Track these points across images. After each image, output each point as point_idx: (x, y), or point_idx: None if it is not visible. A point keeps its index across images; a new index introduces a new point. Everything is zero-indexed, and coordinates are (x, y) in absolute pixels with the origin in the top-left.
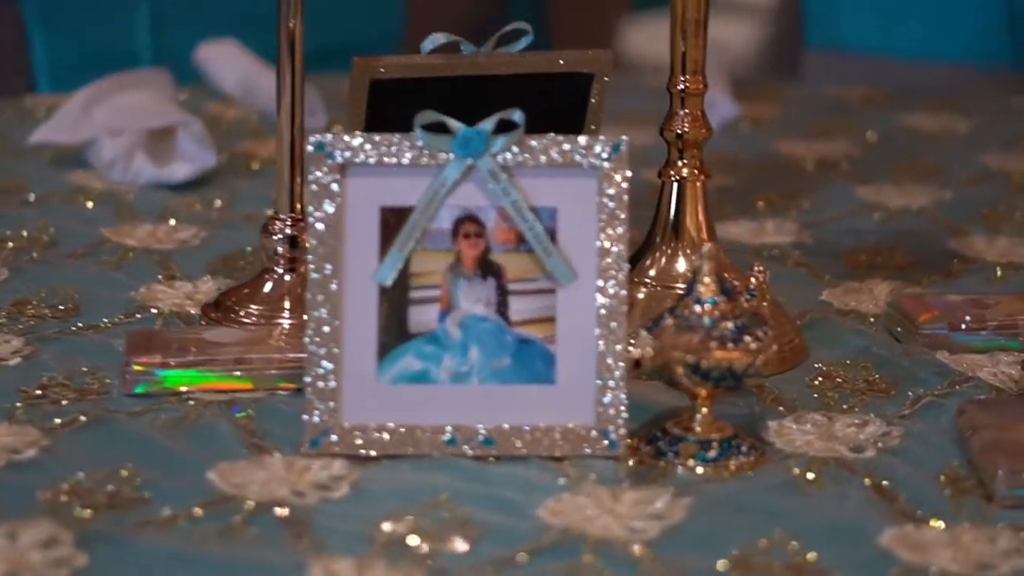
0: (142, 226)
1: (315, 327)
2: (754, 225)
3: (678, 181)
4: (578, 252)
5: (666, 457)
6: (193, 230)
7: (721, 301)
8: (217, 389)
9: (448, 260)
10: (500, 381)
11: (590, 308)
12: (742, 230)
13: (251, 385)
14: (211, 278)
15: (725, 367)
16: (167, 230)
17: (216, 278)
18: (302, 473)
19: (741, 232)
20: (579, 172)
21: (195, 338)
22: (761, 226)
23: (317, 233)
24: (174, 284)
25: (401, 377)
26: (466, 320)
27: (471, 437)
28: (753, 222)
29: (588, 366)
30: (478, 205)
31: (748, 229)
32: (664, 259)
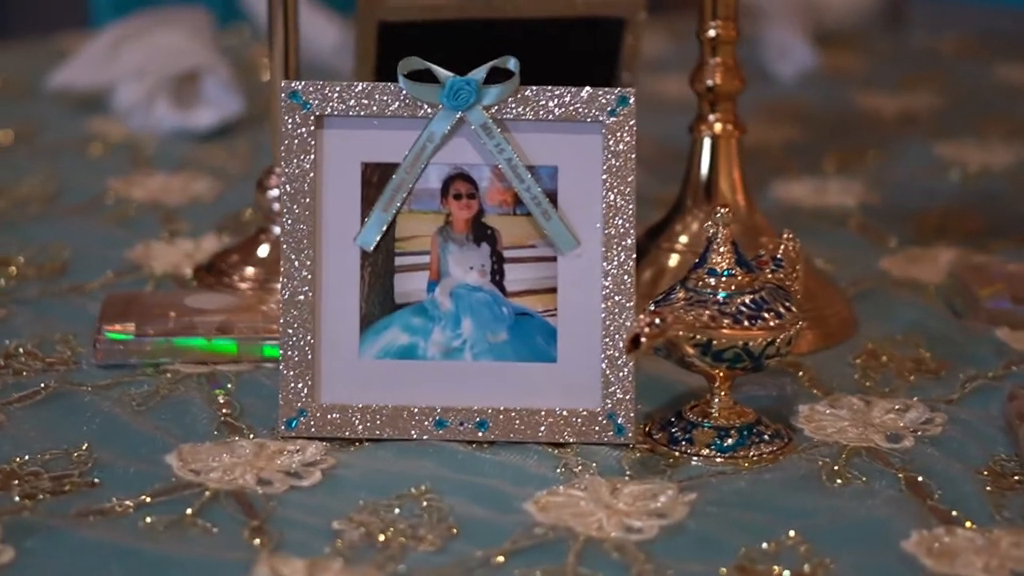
0: (154, 178)
1: (289, 296)
2: (817, 184)
3: (711, 137)
4: (581, 216)
5: (679, 445)
6: (208, 183)
7: (738, 273)
8: (197, 361)
9: (437, 223)
10: (495, 357)
11: (594, 278)
12: (803, 190)
13: (235, 356)
14: (217, 237)
15: (740, 347)
16: (181, 182)
17: (222, 237)
18: (272, 458)
19: (802, 192)
20: (582, 127)
21: (177, 303)
22: (824, 185)
23: (291, 191)
24: (175, 242)
25: (385, 352)
26: (458, 290)
27: (463, 420)
28: (817, 181)
29: (593, 342)
30: (470, 163)
31: (810, 189)
32: (696, 223)
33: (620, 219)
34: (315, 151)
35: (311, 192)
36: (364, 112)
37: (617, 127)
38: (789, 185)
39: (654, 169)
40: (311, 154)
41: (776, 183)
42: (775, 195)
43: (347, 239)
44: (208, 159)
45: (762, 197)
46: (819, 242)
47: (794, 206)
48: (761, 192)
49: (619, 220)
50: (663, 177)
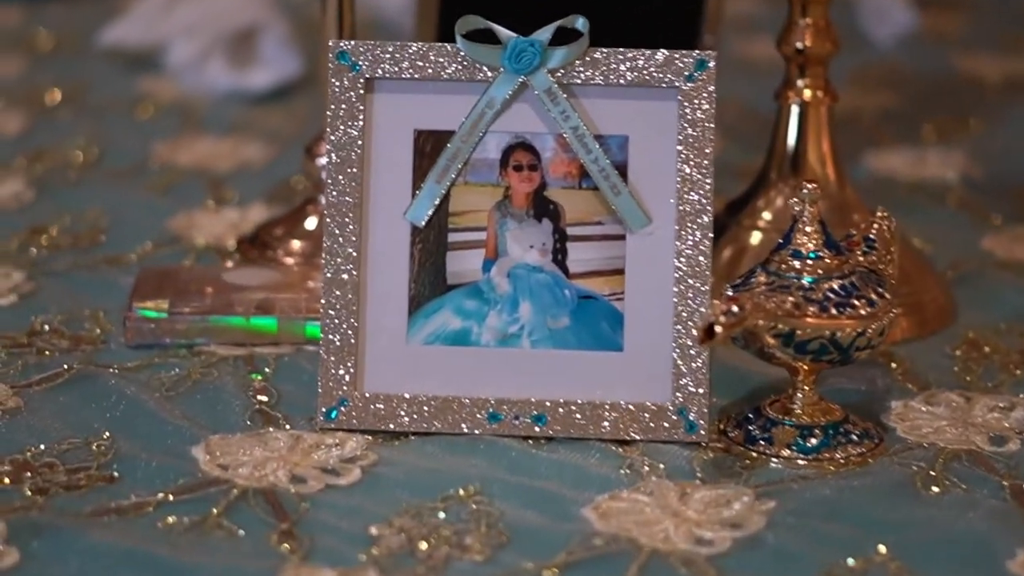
0: (203, 142)
1: (332, 275)
2: (914, 155)
3: (799, 105)
4: (653, 190)
5: (757, 445)
6: (260, 148)
7: (826, 255)
8: (234, 342)
9: (495, 197)
10: (556, 345)
11: (666, 259)
12: (899, 161)
13: (275, 337)
14: (265, 206)
15: (826, 338)
16: (230, 146)
17: (272, 206)
18: (308, 452)
19: (897, 164)
20: (656, 93)
21: (215, 279)
22: (922, 157)
23: (337, 161)
24: (220, 212)
25: (436, 337)
26: (516, 270)
27: (519, 413)
28: (914, 151)
29: (663, 329)
30: (533, 131)
31: (906, 159)
32: (781, 199)
33: (696, 194)
34: (364, 117)
35: (359, 162)
36: (418, 75)
37: (694, 93)
38: (883, 156)
39: (736, 137)
40: (359, 120)
41: (869, 154)
42: (868, 167)
43: (396, 213)
44: (262, 122)
45: (854, 169)
46: (915, 219)
47: (888, 179)
48: (853, 164)
49: (695, 195)
50: (746, 145)
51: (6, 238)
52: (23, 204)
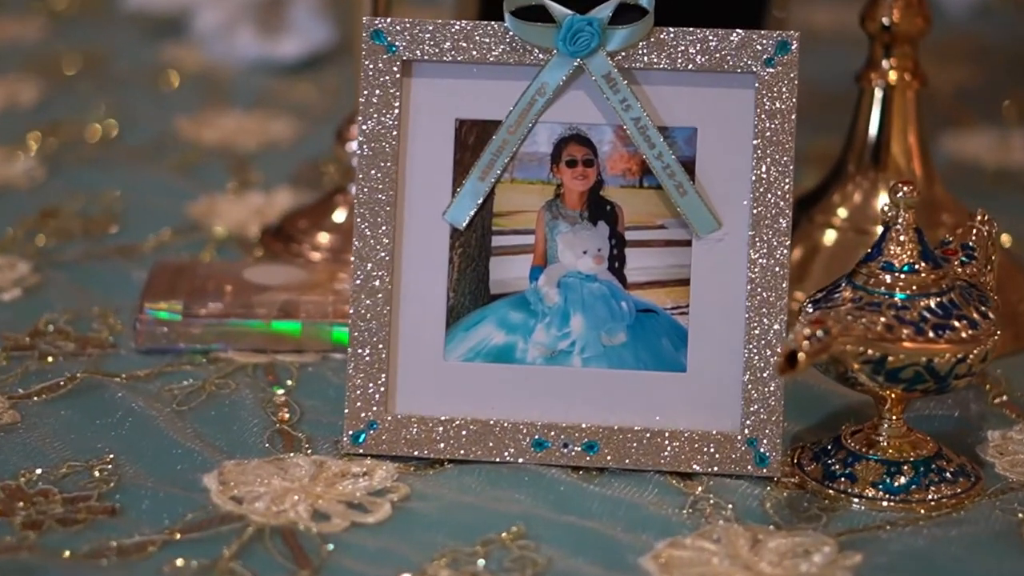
0: (228, 116)
1: (362, 281)
2: (998, 136)
3: (883, 89)
4: (724, 191)
5: (836, 482)
6: (289, 124)
7: (922, 268)
8: (254, 348)
9: (545, 196)
10: (611, 364)
11: (738, 269)
12: (982, 144)
13: (298, 343)
14: (291, 190)
15: (922, 365)
16: (257, 122)
17: (298, 190)
18: (332, 483)
19: (978, 147)
20: (729, 79)
21: (234, 276)
22: (1006, 139)
23: (369, 153)
24: (244, 195)
25: (477, 353)
26: (567, 279)
27: (568, 440)
28: (998, 132)
29: (733, 349)
30: (589, 122)
31: (990, 142)
32: (859, 194)
33: (774, 196)
34: (400, 104)
35: (393, 154)
36: (461, 57)
37: (775, 81)
38: (963, 139)
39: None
40: (395, 108)
41: (947, 136)
42: (946, 151)
43: (435, 213)
44: (291, 95)
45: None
46: (1002, 211)
47: (969, 165)
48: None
49: (772, 197)
50: (814, 127)
51: (14, 222)
52: (35, 183)
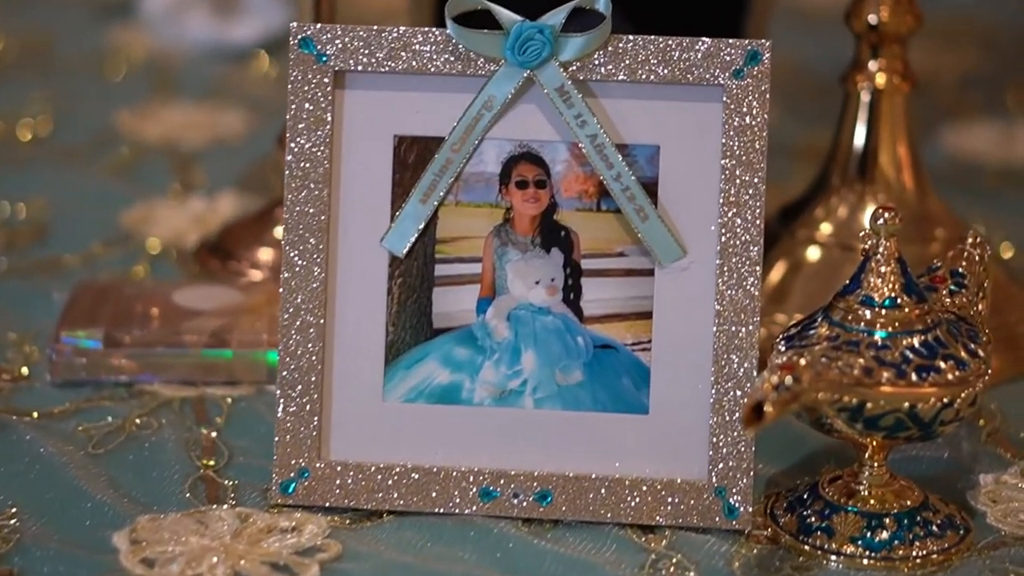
0: (175, 109)
1: (291, 316)
2: (1002, 129)
3: (870, 92)
4: (689, 216)
5: (813, 536)
6: (240, 116)
7: (905, 302)
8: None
9: (494, 220)
10: (566, 405)
11: (705, 301)
12: (983, 138)
13: (231, 375)
14: (237, 194)
15: (904, 411)
16: (206, 114)
17: (244, 195)
18: (256, 540)
19: (981, 142)
20: (695, 93)
21: (162, 299)
22: (1010, 131)
23: (298, 174)
24: (185, 201)
25: (419, 394)
26: (518, 312)
27: (519, 490)
28: (1001, 125)
29: (699, 389)
30: (541, 140)
31: (993, 135)
32: (844, 208)
33: (744, 221)
34: (332, 119)
35: (325, 175)
36: (400, 67)
37: (744, 94)
38: (964, 132)
39: (792, 107)
40: (327, 123)
41: (946, 129)
42: (945, 146)
43: (372, 240)
44: (245, 84)
45: (928, 150)
46: (1006, 213)
47: (970, 162)
48: (927, 143)
49: (742, 222)
50: (802, 117)
51: None
52: None
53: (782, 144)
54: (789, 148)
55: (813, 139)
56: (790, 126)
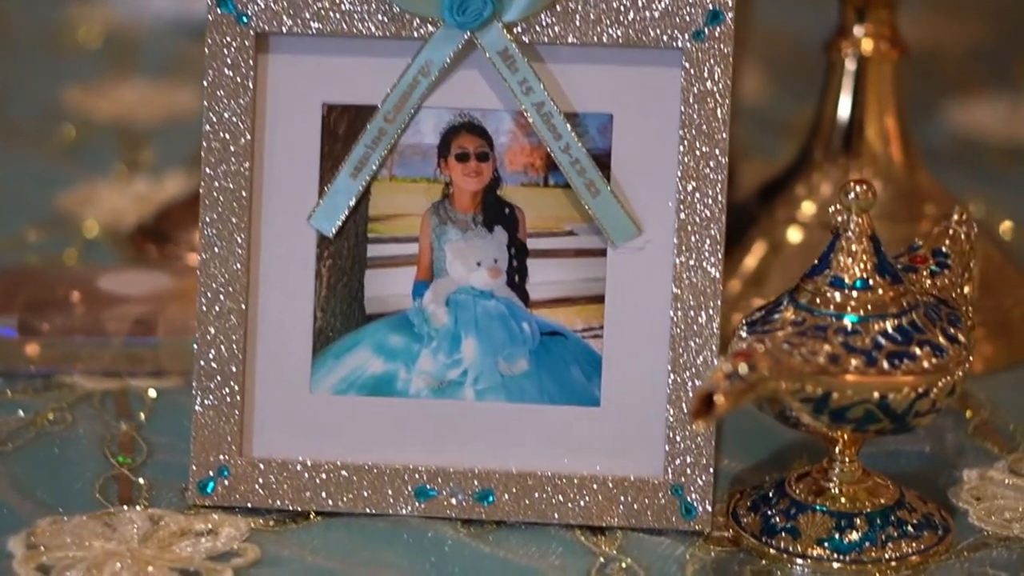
0: (128, 86)
1: (210, 301)
2: (1009, 104)
3: (856, 60)
4: (645, 191)
5: (777, 538)
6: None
7: (878, 283)
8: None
9: (432, 197)
10: (510, 397)
11: (661, 284)
12: (989, 114)
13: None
14: (185, 174)
15: (873, 402)
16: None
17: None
18: (166, 544)
19: (986, 118)
20: (651, 56)
21: (87, 285)
22: (1018, 106)
23: (216, 146)
24: (130, 181)
25: (350, 385)
26: (458, 296)
27: (457, 488)
28: (1008, 98)
29: (655, 379)
30: (483, 108)
31: (999, 111)
32: (827, 185)
33: (704, 197)
34: (255, 87)
35: (246, 148)
36: (328, 29)
37: (705, 57)
38: (969, 107)
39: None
40: (249, 91)
41: (950, 105)
42: (948, 122)
43: (298, 218)
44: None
45: (927, 127)
46: (1009, 194)
47: (974, 138)
48: (927, 119)
49: (703, 198)
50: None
51: None
52: None
53: (769, 118)
54: (776, 122)
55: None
56: (778, 98)
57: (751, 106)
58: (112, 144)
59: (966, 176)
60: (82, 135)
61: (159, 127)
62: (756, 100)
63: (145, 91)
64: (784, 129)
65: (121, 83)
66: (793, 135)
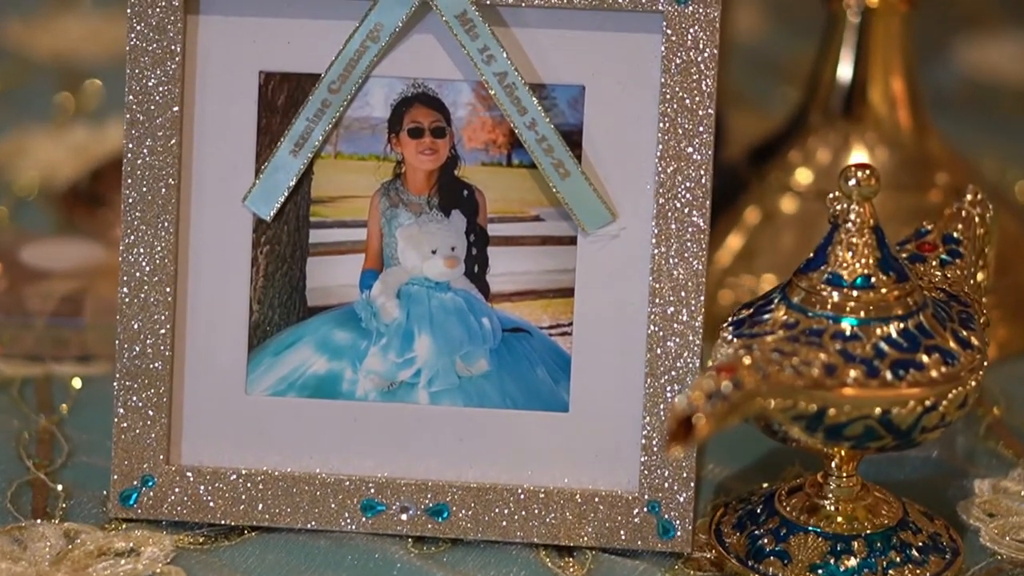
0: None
1: (132, 291)
2: None
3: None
4: (620, 172)
5: (764, 563)
6: None
7: (881, 281)
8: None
9: (382, 176)
10: (468, 401)
11: (638, 277)
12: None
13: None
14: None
15: (875, 418)
16: (110, 23)
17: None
18: (82, 566)
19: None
20: (628, 20)
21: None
22: None
23: (140, 118)
24: (67, 127)
25: (290, 385)
26: (411, 287)
27: (408, 502)
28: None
29: (629, 382)
30: (439, 78)
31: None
32: (826, 151)
33: (687, 179)
34: (183, 52)
35: (174, 120)
36: None
37: (689, 22)
38: (982, 46)
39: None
40: (176, 57)
41: (961, 44)
42: (959, 64)
43: (232, 199)
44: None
45: (937, 70)
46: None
47: (988, 82)
48: (937, 61)
49: (685, 181)
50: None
51: None
52: None
53: (767, 61)
54: (776, 67)
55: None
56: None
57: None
58: (50, 85)
59: (978, 127)
60: (19, 75)
61: (107, 65)
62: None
63: (91, 23)
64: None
65: (64, 15)
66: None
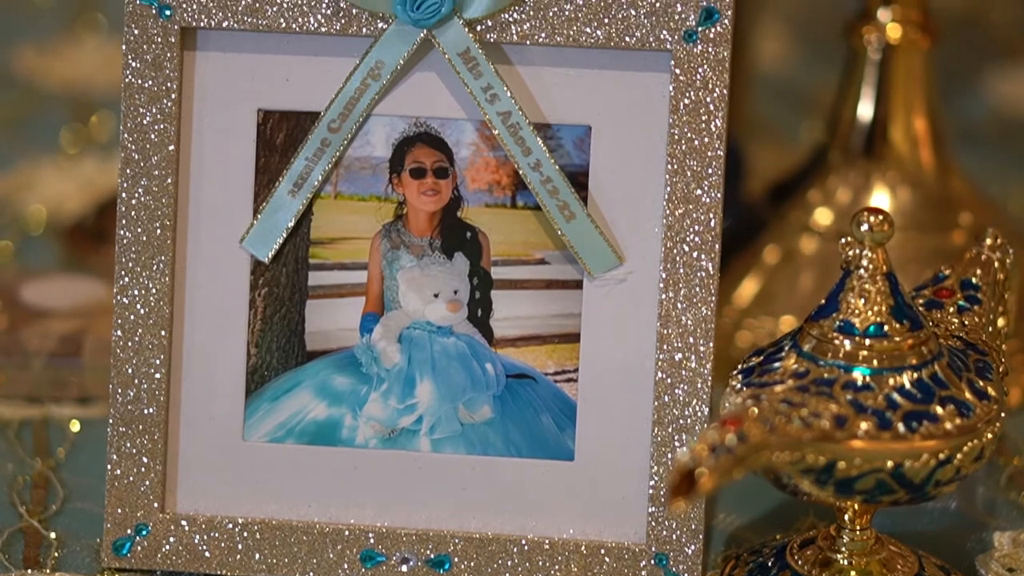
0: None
1: (126, 334)
2: None
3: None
4: (627, 213)
5: None
6: None
7: (894, 329)
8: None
9: (383, 218)
10: (471, 449)
11: (644, 321)
12: None
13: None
14: None
15: (887, 472)
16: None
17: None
18: None
19: None
20: (636, 60)
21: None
22: None
23: (135, 158)
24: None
25: (288, 432)
26: (413, 332)
27: (410, 553)
28: None
29: (636, 430)
30: (442, 117)
31: None
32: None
33: (694, 223)
34: (179, 89)
35: (170, 159)
36: (264, 24)
37: (698, 62)
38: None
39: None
40: (172, 94)
41: (992, 77)
42: (990, 96)
43: (230, 241)
44: None
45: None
46: None
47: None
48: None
49: (692, 224)
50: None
51: None
52: None
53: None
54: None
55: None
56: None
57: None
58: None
59: (1008, 160)
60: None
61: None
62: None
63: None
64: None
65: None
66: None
